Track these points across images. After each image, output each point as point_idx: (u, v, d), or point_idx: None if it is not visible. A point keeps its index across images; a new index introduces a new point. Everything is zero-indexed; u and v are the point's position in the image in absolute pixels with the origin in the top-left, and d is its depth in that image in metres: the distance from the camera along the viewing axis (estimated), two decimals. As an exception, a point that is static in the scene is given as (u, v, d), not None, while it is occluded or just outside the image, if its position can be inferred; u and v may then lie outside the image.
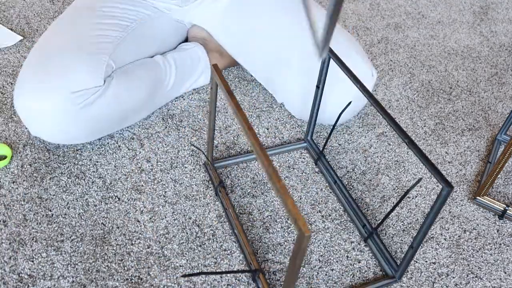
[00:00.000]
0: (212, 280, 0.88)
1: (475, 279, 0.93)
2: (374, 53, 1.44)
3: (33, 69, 0.97)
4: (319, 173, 1.08)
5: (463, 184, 1.09)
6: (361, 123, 1.21)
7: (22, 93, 0.96)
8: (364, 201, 1.04)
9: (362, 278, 0.91)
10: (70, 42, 1.00)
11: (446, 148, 1.17)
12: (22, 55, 1.30)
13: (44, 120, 0.96)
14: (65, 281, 0.86)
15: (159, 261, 0.90)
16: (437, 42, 1.51)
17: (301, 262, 0.64)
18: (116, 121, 1.06)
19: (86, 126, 1.00)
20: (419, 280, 0.91)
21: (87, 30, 1.04)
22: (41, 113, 0.95)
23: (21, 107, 0.97)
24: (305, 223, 0.60)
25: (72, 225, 0.94)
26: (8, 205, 0.97)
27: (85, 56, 0.98)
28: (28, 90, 0.95)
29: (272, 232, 0.97)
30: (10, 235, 0.92)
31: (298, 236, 0.61)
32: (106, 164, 1.06)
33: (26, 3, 1.48)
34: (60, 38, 1.02)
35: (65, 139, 1.02)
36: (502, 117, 1.27)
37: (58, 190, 1.00)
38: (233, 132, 1.16)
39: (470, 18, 1.62)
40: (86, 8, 1.09)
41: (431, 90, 1.34)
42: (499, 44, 1.52)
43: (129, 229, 0.95)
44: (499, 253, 0.97)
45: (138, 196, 1.01)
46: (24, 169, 1.03)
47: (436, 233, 0.99)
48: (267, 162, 0.65)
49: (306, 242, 0.60)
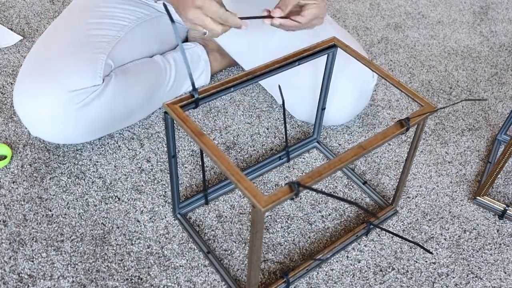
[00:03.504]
0: (212, 280, 0.88)
1: (475, 279, 0.93)
2: (374, 53, 1.44)
3: (31, 69, 0.97)
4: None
5: (463, 184, 1.09)
6: (361, 123, 1.21)
7: (21, 93, 0.96)
8: (364, 202, 1.04)
9: (362, 278, 0.91)
10: (68, 42, 1.00)
11: (446, 148, 1.17)
12: (22, 55, 1.30)
13: (43, 120, 0.96)
14: (65, 281, 0.86)
15: (159, 261, 0.90)
16: (437, 42, 1.51)
17: (261, 235, 0.70)
18: (115, 121, 1.06)
19: (85, 126, 1.00)
20: (419, 280, 0.91)
21: (85, 30, 1.04)
22: (40, 113, 0.95)
23: (20, 107, 0.97)
24: (262, 197, 0.64)
25: (72, 225, 0.94)
26: (8, 205, 0.97)
27: (83, 55, 0.98)
28: (27, 90, 0.95)
29: (272, 232, 0.97)
30: (10, 235, 0.92)
31: (253, 211, 0.66)
32: (106, 164, 1.06)
33: (26, 3, 1.48)
34: (58, 39, 1.02)
35: (64, 139, 1.02)
36: (502, 117, 1.27)
37: (58, 190, 1.00)
38: (233, 132, 1.16)
39: (470, 18, 1.62)
40: (84, 8, 1.09)
41: (431, 90, 1.34)
42: (499, 44, 1.52)
43: (129, 229, 0.95)
44: (499, 253, 0.97)
45: (138, 196, 1.01)
46: (24, 169, 1.03)
47: (436, 233, 0.99)
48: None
49: (261, 216, 0.66)
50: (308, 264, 0.90)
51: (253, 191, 0.64)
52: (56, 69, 0.96)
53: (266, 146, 1.13)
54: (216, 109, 1.21)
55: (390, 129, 0.77)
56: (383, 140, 0.76)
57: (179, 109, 0.76)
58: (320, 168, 0.69)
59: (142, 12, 1.13)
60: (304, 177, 0.67)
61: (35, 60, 0.99)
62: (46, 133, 1.00)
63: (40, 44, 1.03)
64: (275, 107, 1.23)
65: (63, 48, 0.99)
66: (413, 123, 0.79)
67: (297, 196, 0.69)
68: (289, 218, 0.99)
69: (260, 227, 0.68)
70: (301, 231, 0.97)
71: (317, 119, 1.09)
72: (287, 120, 1.20)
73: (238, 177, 0.66)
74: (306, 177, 0.67)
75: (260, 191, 0.65)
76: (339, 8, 1.60)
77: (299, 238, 0.96)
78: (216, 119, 1.18)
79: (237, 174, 0.67)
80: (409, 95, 0.85)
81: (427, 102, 0.82)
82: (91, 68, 0.98)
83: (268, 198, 0.64)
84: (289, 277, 0.87)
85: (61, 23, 1.07)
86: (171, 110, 0.76)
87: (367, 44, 1.47)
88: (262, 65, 0.86)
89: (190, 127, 0.73)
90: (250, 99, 1.24)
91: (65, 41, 1.01)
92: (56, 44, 1.01)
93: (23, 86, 0.96)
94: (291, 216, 1.00)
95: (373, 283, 0.90)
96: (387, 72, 0.92)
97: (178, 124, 0.75)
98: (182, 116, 0.75)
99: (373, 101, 1.27)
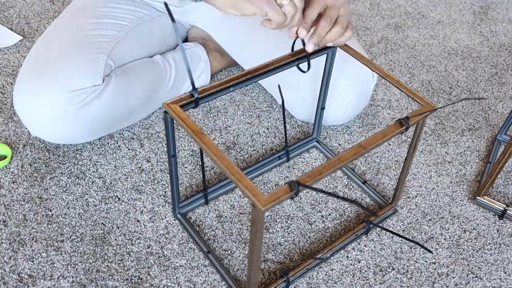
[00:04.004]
0: (212, 280, 0.88)
1: (475, 279, 0.93)
2: (374, 53, 1.44)
3: (31, 69, 0.98)
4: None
5: (463, 184, 1.09)
6: (361, 123, 1.21)
7: (21, 93, 0.96)
8: (364, 201, 1.04)
9: (362, 278, 0.91)
10: (68, 42, 1.00)
11: (446, 148, 1.17)
12: (22, 55, 1.30)
13: (43, 120, 0.96)
14: (65, 281, 0.86)
15: (159, 261, 0.90)
16: (437, 42, 1.51)
17: (261, 235, 0.70)
18: (115, 120, 1.06)
19: (85, 126, 1.00)
20: (419, 280, 0.91)
21: (85, 30, 1.04)
22: (40, 113, 0.95)
23: (20, 108, 0.97)
24: (262, 197, 0.64)
25: (72, 225, 0.94)
26: (8, 205, 0.97)
27: (83, 55, 0.98)
28: (27, 90, 0.95)
29: (272, 232, 0.97)
30: (10, 235, 0.92)
31: (253, 210, 0.66)
32: (106, 164, 1.06)
33: (26, 3, 1.48)
34: (58, 39, 1.02)
35: (64, 139, 1.02)
36: (502, 117, 1.27)
37: (58, 190, 1.00)
38: (233, 132, 1.16)
39: (470, 18, 1.62)
40: (84, 8, 1.09)
41: (431, 90, 1.34)
42: (499, 44, 1.52)
43: (129, 229, 0.95)
44: (499, 253, 0.97)
45: (138, 196, 1.01)
46: (24, 169, 1.03)
47: (436, 233, 0.99)
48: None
49: (261, 215, 0.66)
50: (308, 263, 0.90)
51: (253, 190, 0.64)
52: (56, 69, 0.96)
53: (266, 146, 1.13)
54: (216, 109, 1.21)
55: (390, 128, 0.77)
56: (382, 139, 0.76)
57: (179, 108, 0.76)
58: (320, 167, 0.69)
59: (142, 12, 1.13)
60: (303, 176, 0.67)
61: (35, 60, 0.99)
62: (46, 133, 1.00)
63: (40, 44, 1.03)
64: (275, 107, 1.23)
65: (63, 48, 0.99)
66: (413, 122, 0.79)
67: (297, 195, 0.69)
68: (289, 218, 0.99)
69: (260, 226, 0.68)
70: (301, 231, 0.97)
71: (316, 118, 1.09)
72: (287, 120, 1.20)
73: (238, 176, 0.66)
74: (306, 176, 0.67)
75: (260, 191, 0.65)
76: (339, 8, 1.60)
77: (299, 238, 0.96)
78: (216, 119, 1.18)
79: (237, 173, 0.67)
80: (409, 94, 0.85)
81: (427, 102, 0.82)
82: (91, 68, 0.98)
83: (268, 197, 0.64)
84: (289, 276, 0.87)
85: (61, 23, 1.07)
86: (171, 109, 0.76)
87: (367, 44, 1.47)
88: (262, 65, 0.86)
89: (190, 126, 0.73)
90: (250, 99, 1.24)
91: (65, 41, 1.01)
92: (56, 44, 1.01)
93: (23, 86, 0.96)
94: (291, 216, 1.00)
95: (373, 283, 0.90)
96: (387, 71, 0.92)
97: (178, 124, 0.75)
98: (182, 116, 0.75)
99: (373, 101, 1.27)
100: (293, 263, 0.92)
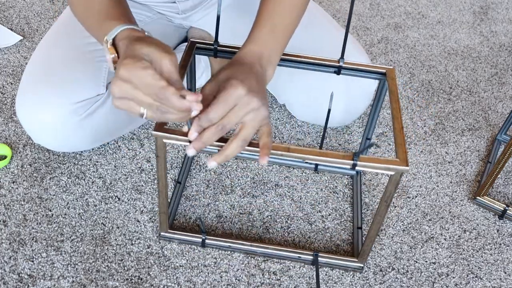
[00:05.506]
0: (212, 280, 0.88)
1: (475, 279, 0.93)
2: (374, 53, 1.44)
3: (34, 80, 0.96)
4: (319, 172, 1.08)
5: (463, 184, 1.09)
6: (361, 123, 1.21)
7: (24, 104, 0.95)
8: (364, 201, 1.04)
9: (362, 278, 0.91)
10: (69, 51, 0.99)
11: (446, 148, 1.17)
12: (22, 55, 1.30)
13: (48, 131, 0.96)
14: (65, 281, 0.86)
15: (159, 261, 0.90)
16: (437, 42, 1.51)
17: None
18: (119, 126, 1.06)
19: (90, 134, 1.00)
20: (419, 280, 0.91)
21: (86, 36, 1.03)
22: (44, 126, 0.95)
23: (23, 119, 0.96)
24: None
25: (72, 225, 0.94)
26: (8, 205, 0.97)
27: (85, 65, 0.97)
28: (31, 102, 0.94)
29: (272, 232, 0.97)
30: (10, 235, 0.92)
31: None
32: (106, 164, 1.06)
33: (26, 3, 1.48)
34: (59, 46, 1.00)
35: (69, 148, 1.02)
36: (502, 117, 1.27)
37: (58, 190, 1.00)
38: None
39: (470, 18, 1.62)
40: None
41: (431, 90, 1.34)
42: (499, 44, 1.52)
43: (129, 229, 0.95)
44: (499, 253, 0.97)
45: (138, 196, 1.01)
46: (24, 169, 1.03)
47: (436, 233, 0.99)
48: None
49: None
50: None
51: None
52: (59, 80, 0.94)
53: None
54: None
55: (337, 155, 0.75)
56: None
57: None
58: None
59: (144, 14, 1.13)
60: None
61: (37, 71, 0.97)
62: (51, 144, 1.00)
63: (41, 51, 1.01)
64: (275, 107, 1.23)
65: (65, 58, 0.98)
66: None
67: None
68: (289, 218, 0.99)
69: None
70: (301, 231, 0.98)
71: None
72: (287, 120, 1.20)
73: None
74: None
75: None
76: (339, 8, 1.60)
77: (299, 238, 0.96)
78: (216, 119, 1.18)
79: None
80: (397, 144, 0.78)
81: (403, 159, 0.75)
82: (94, 78, 0.97)
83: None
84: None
85: (61, 29, 1.05)
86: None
87: (367, 44, 1.47)
88: None
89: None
90: (250, 99, 1.24)
91: (66, 50, 0.99)
92: (58, 51, 0.99)
93: (26, 97, 0.95)
94: (291, 216, 1.00)
95: (373, 283, 0.90)
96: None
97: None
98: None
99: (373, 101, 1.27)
100: (293, 263, 0.92)
